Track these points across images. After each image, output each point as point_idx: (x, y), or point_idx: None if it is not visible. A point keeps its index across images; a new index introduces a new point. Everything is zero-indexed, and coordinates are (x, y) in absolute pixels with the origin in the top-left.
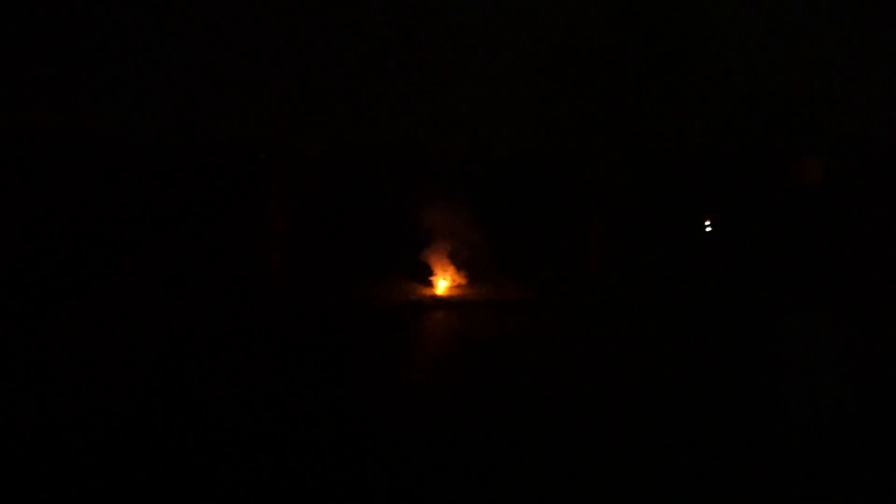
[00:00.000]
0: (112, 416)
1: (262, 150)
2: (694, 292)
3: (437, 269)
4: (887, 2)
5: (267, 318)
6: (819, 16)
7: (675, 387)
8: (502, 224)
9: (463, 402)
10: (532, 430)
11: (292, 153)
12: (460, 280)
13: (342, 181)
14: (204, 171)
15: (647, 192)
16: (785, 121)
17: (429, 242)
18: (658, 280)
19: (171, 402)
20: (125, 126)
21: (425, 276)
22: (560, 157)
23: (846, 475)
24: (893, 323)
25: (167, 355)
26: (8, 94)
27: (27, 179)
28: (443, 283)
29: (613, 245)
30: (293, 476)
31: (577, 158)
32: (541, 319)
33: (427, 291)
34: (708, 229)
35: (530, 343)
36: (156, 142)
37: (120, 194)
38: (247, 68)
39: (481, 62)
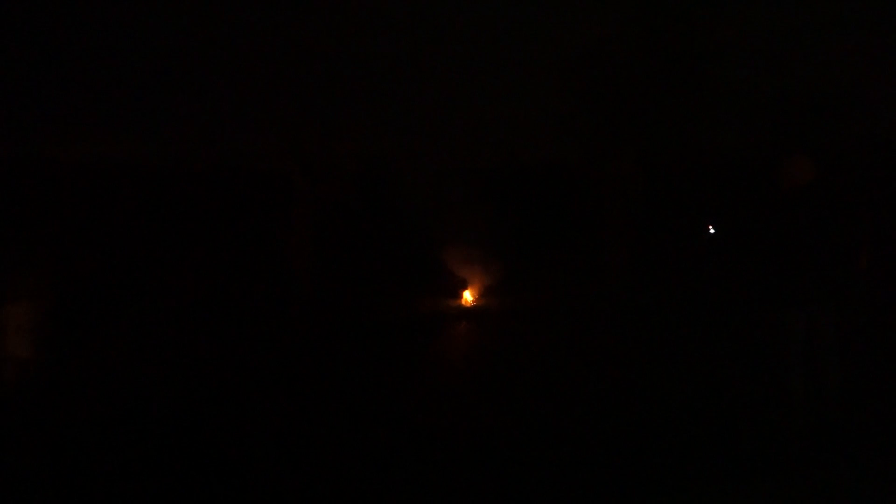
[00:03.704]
0: (147, 425)
1: (289, 167)
2: (709, 291)
3: (461, 280)
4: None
5: (297, 331)
6: (827, 17)
7: (689, 379)
8: (522, 233)
9: (498, 411)
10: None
11: (319, 169)
12: (485, 290)
13: (365, 194)
14: (232, 189)
15: (663, 199)
16: (798, 124)
17: (452, 254)
18: (675, 282)
19: (199, 410)
20: (157, 151)
21: (450, 287)
22: (578, 166)
23: (849, 465)
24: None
25: (198, 368)
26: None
27: (61, 206)
28: (467, 294)
29: (633, 251)
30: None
31: (596, 167)
32: (565, 326)
33: (453, 302)
34: (711, 231)
35: (559, 350)
36: (182, 164)
37: (152, 215)
38: (270, 89)
39: (503, 77)
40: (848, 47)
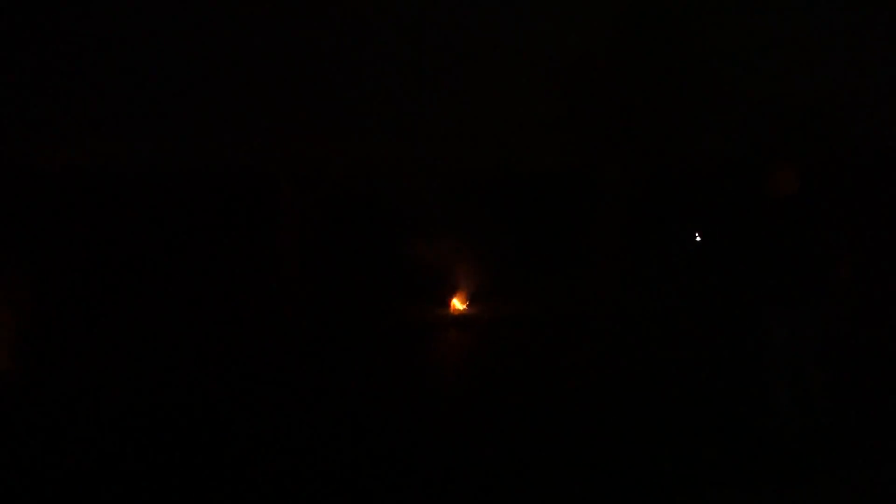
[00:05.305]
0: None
1: (275, 172)
2: (696, 297)
3: (451, 287)
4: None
5: (280, 339)
6: (824, 21)
7: (674, 385)
8: (512, 239)
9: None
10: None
11: (306, 175)
12: (473, 297)
13: (353, 198)
14: (219, 194)
15: (654, 205)
16: (793, 128)
17: (440, 260)
18: (663, 288)
19: (189, 414)
20: (147, 153)
21: (439, 295)
22: (569, 171)
23: (836, 471)
24: (881, 319)
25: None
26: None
27: (46, 211)
28: (456, 302)
29: (623, 256)
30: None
31: (586, 173)
32: (555, 333)
33: (441, 310)
34: (698, 239)
35: (550, 358)
36: (172, 169)
37: (136, 219)
38: (260, 91)
39: (495, 80)
40: (841, 54)
